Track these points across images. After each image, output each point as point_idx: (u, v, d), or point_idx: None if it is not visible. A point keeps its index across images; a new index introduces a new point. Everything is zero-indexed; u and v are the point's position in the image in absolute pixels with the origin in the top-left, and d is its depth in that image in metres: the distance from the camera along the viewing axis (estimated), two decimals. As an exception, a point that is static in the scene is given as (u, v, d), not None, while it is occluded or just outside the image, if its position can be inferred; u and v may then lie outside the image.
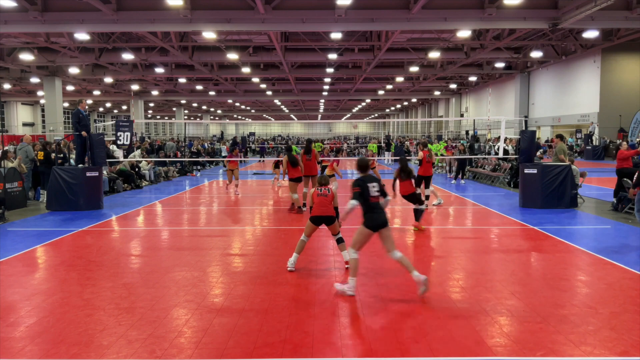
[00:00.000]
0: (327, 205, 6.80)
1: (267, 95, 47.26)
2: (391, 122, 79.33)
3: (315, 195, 6.85)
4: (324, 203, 6.80)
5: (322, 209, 6.78)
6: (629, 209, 10.85)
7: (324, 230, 8.02)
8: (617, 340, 4.53)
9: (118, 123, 17.41)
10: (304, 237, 6.88)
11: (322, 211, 6.77)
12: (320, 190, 6.90)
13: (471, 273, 6.78)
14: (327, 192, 6.85)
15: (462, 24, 18.84)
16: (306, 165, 11.89)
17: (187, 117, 71.18)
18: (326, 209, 6.78)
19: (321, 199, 6.80)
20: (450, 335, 4.67)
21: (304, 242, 6.89)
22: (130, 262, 7.43)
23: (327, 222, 6.84)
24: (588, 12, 16.27)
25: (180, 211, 12.54)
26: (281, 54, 26.51)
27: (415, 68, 32.33)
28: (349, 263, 5.99)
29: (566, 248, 8.06)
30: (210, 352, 4.35)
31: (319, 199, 6.80)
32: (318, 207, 6.79)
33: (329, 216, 6.80)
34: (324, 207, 6.78)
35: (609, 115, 29.18)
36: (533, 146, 13.07)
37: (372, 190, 5.85)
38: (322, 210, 6.77)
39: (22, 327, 4.92)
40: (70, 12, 17.75)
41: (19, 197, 12.67)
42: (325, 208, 6.79)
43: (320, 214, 6.77)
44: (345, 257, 6.91)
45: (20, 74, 34.37)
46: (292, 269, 6.78)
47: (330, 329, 4.85)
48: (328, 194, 6.83)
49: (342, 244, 6.99)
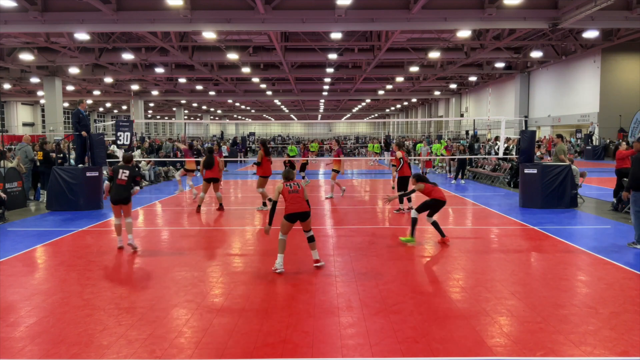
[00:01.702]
0: (300, 201, 6.66)
1: (267, 95, 47.26)
2: (391, 122, 79.33)
3: (286, 192, 6.67)
4: (297, 199, 6.64)
5: (296, 206, 6.62)
6: (628, 208, 10.83)
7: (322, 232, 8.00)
8: (617, 340, 4.53)
9: (118, 123, 17.40)
10: (282, 235, 6.76)
11: (297, 208, 6.62)
12: (290, 186, 6.72)
13: (471, 273, 6.78)
14: (298, 188, 6.72)
15: (462, 24, 18.85)
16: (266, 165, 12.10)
17: (187, 117, 71.18)
18: (300, 205, 6.65)
19: (293, 195, 6.64)
20: (450, 335, 4.67)
21: (284, 240, 6.78)
22: (130, 262, 7.43)
23: (302, 218, 6.71)
24: (588, 12, 16.26)
25: (180, 211, 12.53)
26: (281, 54, 26.51)
27: (415, 68, 32.34)
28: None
29: (566, 248, 8.06)
30: (210, 352, 4.35)
31: (292, 196, 6.63)
32: (291, 204, 6.62)
33: (305, 212, 6.68)
34: (297, 203, 6.63)
35: (609, 115, 29.18)
36: (533, 146, 13.08)
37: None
38: (297, 207, 6.62)
39: (22, 327, 4.92)
40: (70, 12, 17.76)
41: (18, 197, 12.67)
42: (300, 204, 6.65)
43: (295, 210, 6.62)
44: (315, 255, 6.91)
45: (20, 74, 34.37)
46: (282, 270, 6.67)
47: (330, 329, 4.85)
48: (299, 189, 6.70)
49: (313, 242, 6.91)
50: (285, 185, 6.72)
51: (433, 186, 8.44)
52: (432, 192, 8.35)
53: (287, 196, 6.65)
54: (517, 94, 37.55)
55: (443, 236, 8.41)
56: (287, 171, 6.98)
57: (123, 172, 7.84)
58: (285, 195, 6.67)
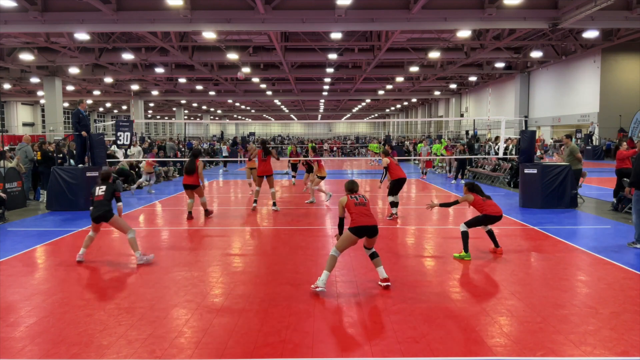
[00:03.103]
0: (369, 213, 5.96)
1: (267, 95, 47.28)
2: (391, 122, 79.34)
3: (352, 204, 5.98)
4: (365, 212, 5.94)
5: (365, 219, 5.89)
6: (628, 208, 10.84)
7: (322, 231, 7.99)
8: (617, 340, 4.52)
9: (118, 123, 17.43)
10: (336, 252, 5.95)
11: (367, 221, 5.88)
12: (356, 198, 6.04)
13: (471, 273, 6.78)
14: (365, 200, 6.04)
15: (462, 24, 18.85)
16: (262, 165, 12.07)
17: (187, 117, 71.18)
18: (370, 219, 5.91)
19: (360, 208, 5.95)
20: (450, 335, 4.67)
21: (336, 258, 5.95)
22: (130, 262, 7.43)
23: (371, 233, 5.93)
24: (588, 12, 16.27)
25: (180, 211, 12.52)
26: (281, 54, 26.52)
27: (415, 68, 32.35)
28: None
29: (566, 248, 8.06)
30: (210, 352, 4.35)
31: (359, 209, 5.94)
32: (360, 216, 5.88)
33: (374, 226, 5.93)
34: (366, 216, 5.92)
35: (609, 115, 29.19)
36: (533, 146, 13.08)
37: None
38: (366, 220, 5.88)
39: (22, 327, 4.91)
40: (70, 12, 17.77)
41: (18, 197, 12.67)
42: (369, 217, 5.93)
43: (365, 223, 5.86)
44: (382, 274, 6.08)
45: (20, 74, 34.39)
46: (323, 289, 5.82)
47: (330, 329, 4.85)
48: (366, 202, 6.03)
49: (378, 258, 6.13)
50: (350, 198, 6.05)
51: (485, 200, 7.45)
52: (484, 208, 7.37)
53: (354, 209, 5.94)
54: (517, 94, 37.56)
55: (497, 247, 7.70)
56: (351, 182, 6.24)
57: (100, 189, 7.53)
58: (351, 207, 5.96)
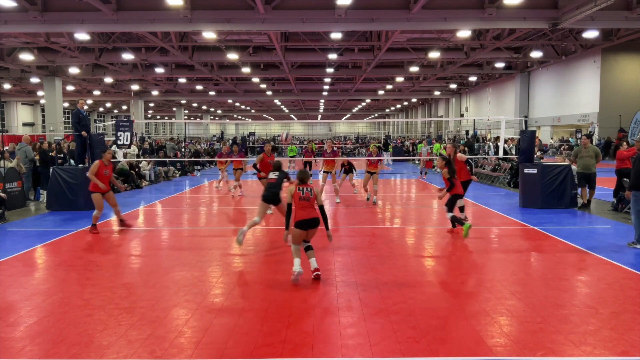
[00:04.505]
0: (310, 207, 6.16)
1: (267, 95, 47.25)
2: (391, 122, 79.32)
3: (297, 197, 6.18)
4: (306, 206, 6.14)
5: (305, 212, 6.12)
6: (628, 209, 10.83)
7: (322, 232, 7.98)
8: (617, 340, 4.52)
9: (118, 123, 17.40)
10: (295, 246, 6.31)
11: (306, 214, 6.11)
12: (302, 191, 6.19)
13: (471, 273, 6.78)
14: (310, 195, 6.18)
15: (462, 24, 18.84)
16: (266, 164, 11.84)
17: (187, 117, 71.16)
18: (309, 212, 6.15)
19: (304, 203, 6.15)
20: (450, 335, 4.67)
21: (298, 248, 6.31)
22: (130, 262, 7.43)
23: (311, 225, 6.19)
24: (588, 12, 16.26)
25: (180, 211, 12.53)
26: (281, 54, 26.51)
27: (415, 68, 32.33)
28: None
29: (566, 248, 8.06)
30: (210, 352, 4.35)
31: (302, 203, 6.15)
32: (301, 210, 6.09)
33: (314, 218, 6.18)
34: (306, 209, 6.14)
35: (609, 115, 29.17)
36: (533, 146, 13.07)
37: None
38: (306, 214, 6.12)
39: (22, 327, 4.92)
40: (70, 12, 17.76)
41: (18, 197, 12.67)
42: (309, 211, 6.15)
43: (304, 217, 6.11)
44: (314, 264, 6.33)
45: (20, 74, 34.37)
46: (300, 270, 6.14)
47: (330, 329, 4.85)
48: (311, 197, 6.18)
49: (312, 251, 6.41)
50: (298, 190, 6.20)
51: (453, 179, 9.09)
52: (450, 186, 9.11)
53: (298, 203, 6.15)
54: (517, 94, 37.54)
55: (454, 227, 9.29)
56: (303, 172, 6.34)
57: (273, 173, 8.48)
58: (296, 200, 6.16)
